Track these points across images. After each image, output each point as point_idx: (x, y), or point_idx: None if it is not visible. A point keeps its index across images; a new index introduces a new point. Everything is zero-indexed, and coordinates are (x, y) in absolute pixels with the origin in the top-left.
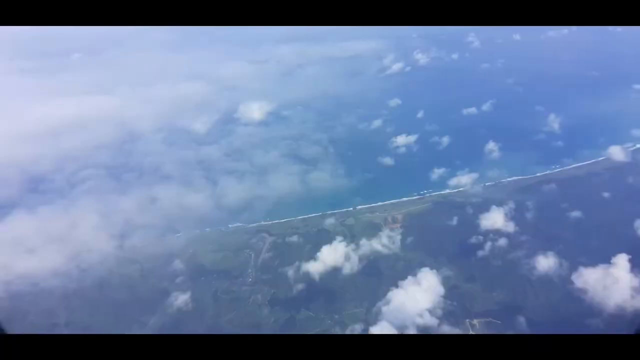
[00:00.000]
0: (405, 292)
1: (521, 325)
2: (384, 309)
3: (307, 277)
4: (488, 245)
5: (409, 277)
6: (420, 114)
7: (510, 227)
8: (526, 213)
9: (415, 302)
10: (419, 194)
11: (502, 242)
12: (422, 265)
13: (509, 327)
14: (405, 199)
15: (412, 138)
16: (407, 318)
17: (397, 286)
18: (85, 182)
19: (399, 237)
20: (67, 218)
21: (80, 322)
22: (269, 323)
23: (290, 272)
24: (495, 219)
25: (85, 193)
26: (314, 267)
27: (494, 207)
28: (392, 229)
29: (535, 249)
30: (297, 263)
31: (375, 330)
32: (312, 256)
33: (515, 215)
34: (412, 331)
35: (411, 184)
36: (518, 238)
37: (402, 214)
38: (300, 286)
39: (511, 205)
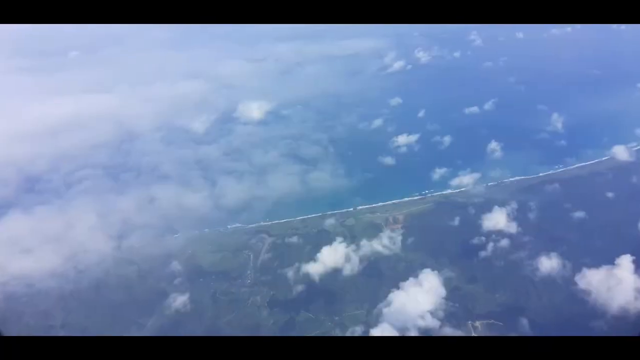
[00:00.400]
0: (407, 294)
1: (524, 327)
2: (385, 310)
3: (307, 278)
4: (490, 246)
5: (410, 279)
6: (421, 113)
7: (513, 228)
8: (529, 213)
9: (416, 304)
10: (420, 194)
11: (505, 242)
12: (423, 266)
13: (512, 329)
14: (406, 199)
15: (413, 137)
16: (408, 320)
17: (398, 287)
18: (82, 182)
19: (400, 238)
20: (63, 218)
21: (77, 324)
22: (268, 325)
23: (290, 273)
24: (497, 219)
25: (83, 193)
26: (314, 268)
27: (496, 207)
28: (393, 230)
29: (538, 250)
30: (296, 264)
31: (376, 332)
32: (312, 257)
33: (518, 216)
34: (413, 333)
35: (412, 184)
36: (521, 239)
37: (403, 215)
38: (300, 287)
39: (514, 205)
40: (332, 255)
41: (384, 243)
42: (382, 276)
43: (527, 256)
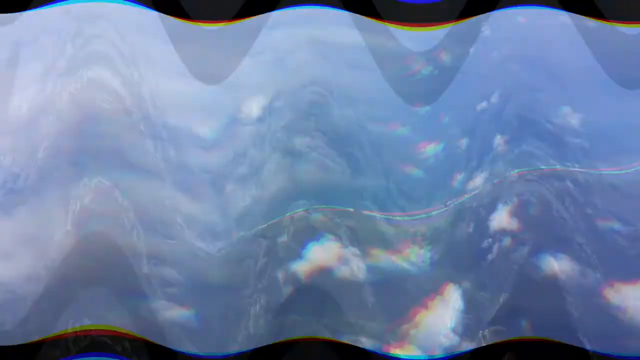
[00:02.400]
0: (428, 311)
1: (528, 332)
2: (404, 328)
3: (294, 277)
4: (495, 247)
5: (431, 294)
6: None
7: (517, 226)
8: (537, 211)
9: (440, 321)
10: (441, 204)
11: (508, 242)
12: (444, 279)
13: (517, 334)
14: (426, 209)
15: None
16: (434, 339)
17: (419, 304)
18: (67, 181)
19: (421, 251)
20: (45, 220)
21: None
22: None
23: (280, 275)
24: (502, 218)
25: (68, 193)
26: (304, 268)
27: (500, 205)
28: (412, 242)
29: (548, 253)
30: (285, 265)
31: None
32: (301, 256)
33: (527, 216)
34: (439, 354)
35: (433, 192)
36: (528, 240)
37: (424, 226)
38: (289, 289)
39: (519, 201)
40: (326, 254)
41: (401, 255)
42: (399, 290)
43: (535, 258)
